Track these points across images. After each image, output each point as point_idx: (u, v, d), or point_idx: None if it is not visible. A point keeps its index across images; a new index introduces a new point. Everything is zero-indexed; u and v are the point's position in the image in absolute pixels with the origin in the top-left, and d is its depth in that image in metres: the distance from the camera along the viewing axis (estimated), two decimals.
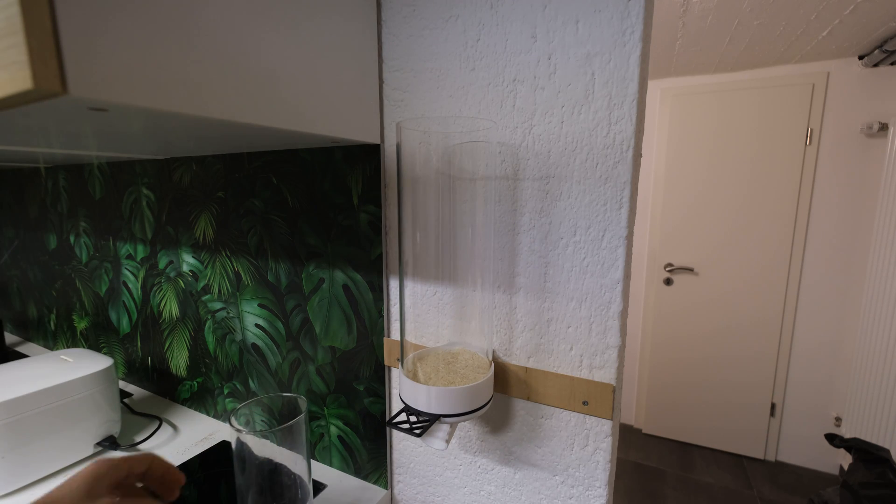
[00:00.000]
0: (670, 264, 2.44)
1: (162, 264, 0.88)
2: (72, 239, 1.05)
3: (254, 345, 0.77)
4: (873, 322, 1.95)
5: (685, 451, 2.46)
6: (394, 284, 0.61)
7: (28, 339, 1.29)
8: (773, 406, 2.30)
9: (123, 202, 0.92)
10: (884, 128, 1.93)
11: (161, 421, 0.85)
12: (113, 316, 1.01)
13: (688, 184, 2.35)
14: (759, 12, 1.58)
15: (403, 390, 0.50)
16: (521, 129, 0.49)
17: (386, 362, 0.63)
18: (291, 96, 0.44)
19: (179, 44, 0.34)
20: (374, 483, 0.68)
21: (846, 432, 2.08)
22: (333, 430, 0.70)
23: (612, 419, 0.49)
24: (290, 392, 0.73)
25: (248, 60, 0.39)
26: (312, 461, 0.73)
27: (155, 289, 0.90)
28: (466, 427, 0.59)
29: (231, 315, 0.79)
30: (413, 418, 0.49)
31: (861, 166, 2.02)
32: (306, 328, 0.69)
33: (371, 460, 0.67)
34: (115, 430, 0.77)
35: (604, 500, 0.51)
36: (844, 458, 2.16)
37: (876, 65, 1.93)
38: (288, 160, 0.66)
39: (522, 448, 0.55)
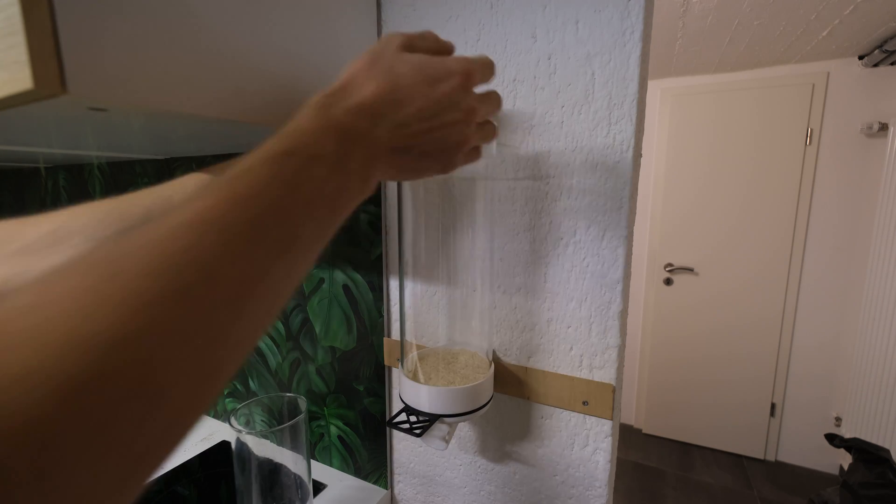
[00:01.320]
0: (670, 264, 2.44)
1: None
2: None
3: None
4: (873, 322, 1.95)
5: (685, 451, 2.46)
6: (394, 284, 0.61)
7: None
8: (773, 406, 2.30)
9: None
10: (884, 128, 1.93)
11: None
12: None
13: (688, 184, 2.35)
14: (759, 12, 1.58)
15: (403, 390, 0.50)
16: (521, 128, 0.49)
17: (386, 362, 0.63)
18: (292, 96, 0.44)
19: (180, 44, 0.34)
20: (374, 483, 0.68)
21: (846, 432, 2.08)
22: (333, 430, 0.70)
23: (612, 419, 0.49)
24: (290, 392, 0.73)
25: (248, 60, 0.39)
26: (312, 461, 0.73)
27: None
28: (466, 427, 0.59)
29: None
30: (413, 418, 0.49)
31: (861, 166, 2.02)
32: (306, 328, 0.69)
33: (371, 460, 0.67)
34: None
35: (604, 500, 0.51)
36: (844, 458, 2.16)
37: (876, 65, 1.93)
38: None
39: (522, 448, 0.55)
